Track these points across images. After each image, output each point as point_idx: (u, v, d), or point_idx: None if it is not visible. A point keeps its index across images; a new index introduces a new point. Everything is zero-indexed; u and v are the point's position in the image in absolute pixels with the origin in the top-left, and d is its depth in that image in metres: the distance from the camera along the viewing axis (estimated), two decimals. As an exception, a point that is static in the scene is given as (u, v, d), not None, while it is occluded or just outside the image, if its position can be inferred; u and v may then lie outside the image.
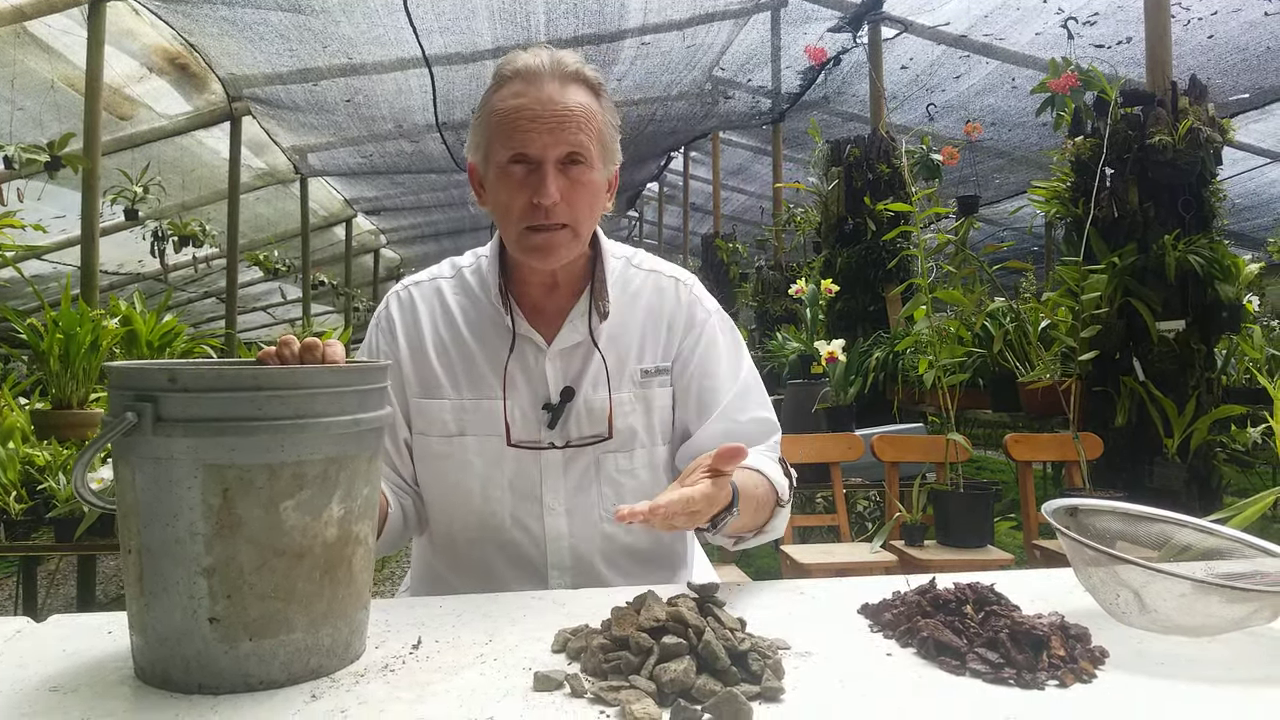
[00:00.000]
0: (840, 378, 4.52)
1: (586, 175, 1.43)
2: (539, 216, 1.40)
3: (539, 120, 1.39)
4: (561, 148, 1.39)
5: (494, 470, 1.50)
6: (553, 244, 1.43)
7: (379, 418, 1.07)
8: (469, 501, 1.51)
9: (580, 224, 1.44)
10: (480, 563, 1.54)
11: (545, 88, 1.41)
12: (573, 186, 1.41)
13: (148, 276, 9.52)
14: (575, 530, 1.51)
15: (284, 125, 7.73)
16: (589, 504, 1.51)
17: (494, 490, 1.50)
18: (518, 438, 1.49)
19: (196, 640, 0.94)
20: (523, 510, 1.51)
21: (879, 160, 5.76)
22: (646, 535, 1.55)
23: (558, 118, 1.39)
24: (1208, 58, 6.41)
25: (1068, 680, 0.97)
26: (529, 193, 1.39)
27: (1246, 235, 10.11)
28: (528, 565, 1.52)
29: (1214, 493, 3.48)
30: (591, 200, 1.45)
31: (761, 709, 0.90)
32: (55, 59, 5.46)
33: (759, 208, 11.90)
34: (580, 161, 1.41)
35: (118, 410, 0.96)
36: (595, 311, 1.53)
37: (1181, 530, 1.31)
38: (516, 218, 1.42)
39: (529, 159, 1.40)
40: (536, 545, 1.51)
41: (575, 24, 6.34)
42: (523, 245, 1.44)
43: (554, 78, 1.42)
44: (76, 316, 3.52)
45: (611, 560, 1.54)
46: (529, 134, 1.39)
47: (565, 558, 1.52)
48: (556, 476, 1.50)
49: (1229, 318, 3.49)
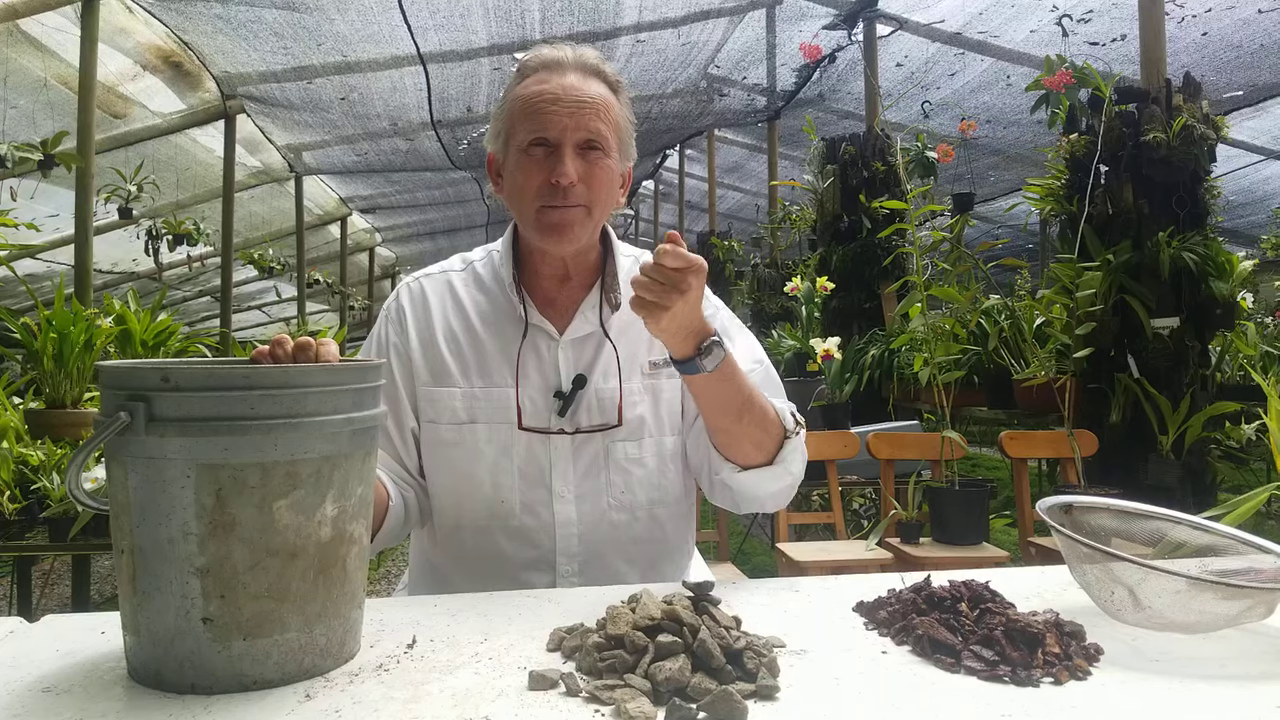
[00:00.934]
0: (836, 375, 4.52)
1: (603, 161, 1.47)
2: (556, 197, 1.44)
3: (560, 104, 1.44)
4: (581, 132, 1.44)
5: (503, 458, 1.51)
6: (568, 221, 1.45)
7: (373, 417, 1.07)
8: (479, 489, 1.52)
9: (595, 206, 1.48)
10: (488, 553, 1.54)
11: (568, 76, 1.47)
12: (590, 170, 1.45)
13: (142, 275, 9.50)
14: (584, 517, 1.52)
15: (278, 123, 7.72)
16: (598, 491, 1.52)
17: (504, 477, 1.51)
18: (528, 424, 1.51)
19: (190, 640, 0.94)
20: (532, 497, 1.52)
21: (874, 158, 5.77)
22: (654, 525, 1.57)
23: (578, 103, 1.44)
24: (1202, 55, 6.42)
25: (1062, 677, 0.97)
26: (546, 173, 1.43)
27: (1241, 232, 10.12)
28: (536, 553, 1.52)
29: (1208, 489, 3.49)
30: (608, 186, 1.49)
31: (757, 707, 0.90)
32: (48, 57, 5.44)
33: (755, 205, 11.89)
34: (598, 147, 1.46)
35: (110, 410, 0.96)
36: (606, 303, 1.56)
37: (1176, 527, 1.31)
38: (533, 196, 1.45)
39: (549, 142, 1.44)
40: (546, 532, 1.52)
41: (570, 21, 6.33)
42: (539, 224, 1.47)
43: (576, 69, 1.48)
44: (70, 315, 3.51)
45: (620, 548, 1.55)
46: (549, 117, 1.44)
47: (574, 544, 1.52)
48: (566, 463, 1.52)
49: (1223, 315, 3.50)
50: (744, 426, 1.43)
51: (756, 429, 1.44)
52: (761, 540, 5.82)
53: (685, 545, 1.67)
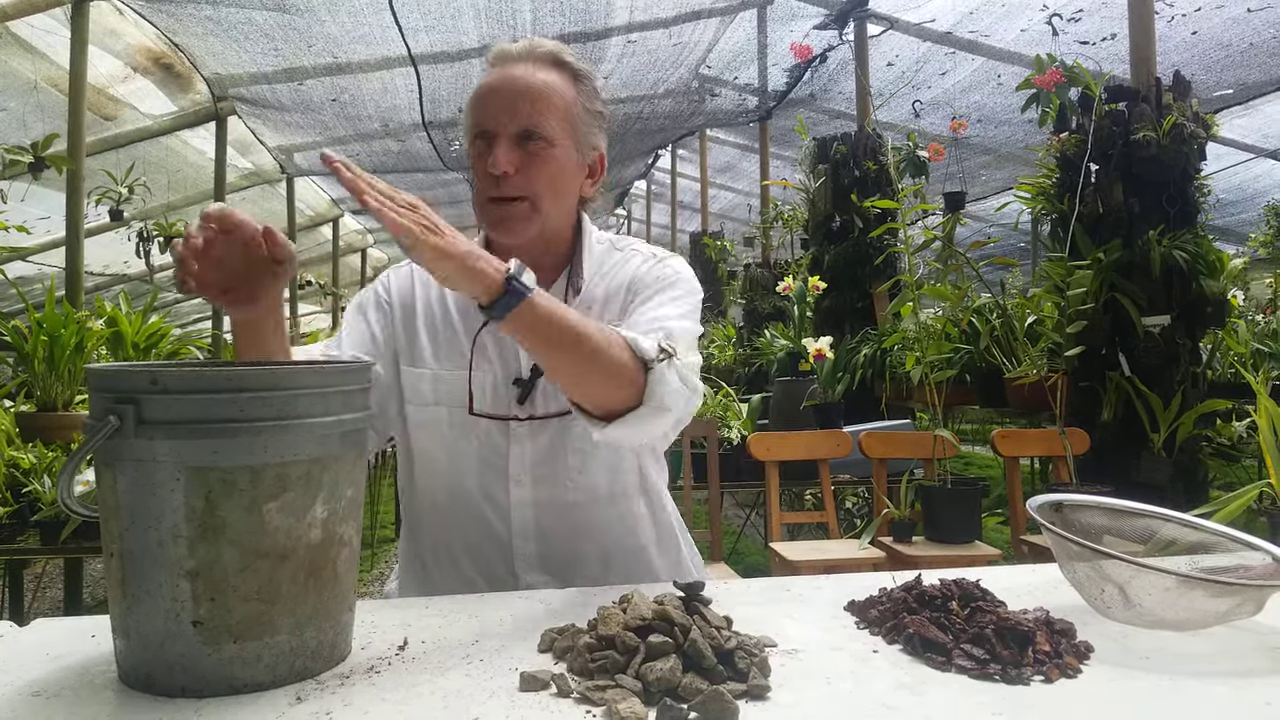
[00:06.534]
0: (828, 375, 4.53)
1: (546, 151, 1.45)
2: (496, 189, 1.44)
3: (497, 94, 1.45)
4: (516, 122, 1.43)
5: (462, 440, 1.52)
6: (509, 216, 1.46)
7: (363, 418, 1.07)
8: (440, 473, 1.55)
9: (540, 198, 1.46)
10: (451, 535, 1.56)
11: (515, 67, 1.47)
12: (530, 160, 1.44)
13: (133, 278, 9.46)
14: (540, 499, 1.52)
15: (269, 125, 7.69)
16: (556, 474, 1.52)
17: (462, 461, 1.53)
18: (482, 409, 1.52)
19: (180, 643, 0.94)
20: (489, 480, 1.52)
21: (865, 157, 5.77)
22: (615, 510, 1.56)
23: (515, 93, 1.44)
24: (1191, 54, 6.44)
25: (1053, 675, 0.98)
26: (484, 165, 1.44)
27: (1231, 230, 10.15)
28: (494, 536, 1.53)
29: (1200, 486, 3.50)
30: (553, 177, 1.47)
31: (748, 707, 0.90)
32: (38, 59, 5.42)
33: (747, 205, 11.90)
34: (538, 137, 1.44)
35: (99, 413, 0.95)
36: (571, 289, 1.55)
37: (1166, 525, 1.32)
38: (479, 190, 1.47)
39: (486, 133, 1.44)
40: (502, 517, 1.52)
41: (562, 22, 6.32)
42: (486, 218, 1.48)
43: (527, 60, 1.48)
44: (61, 318, 3.50)
45: (580, 532, 1.54)
46: (486, 109, 1.45)
47: (530, 527, 1.52)
48: (523, 447, 1.51)
49: (1214, 312, 3.51)
50: (579, 365, 1.27)
51: (599, 367, 1.27)
52: (755, 540, 5.83)
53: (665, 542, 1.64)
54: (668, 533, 1.66)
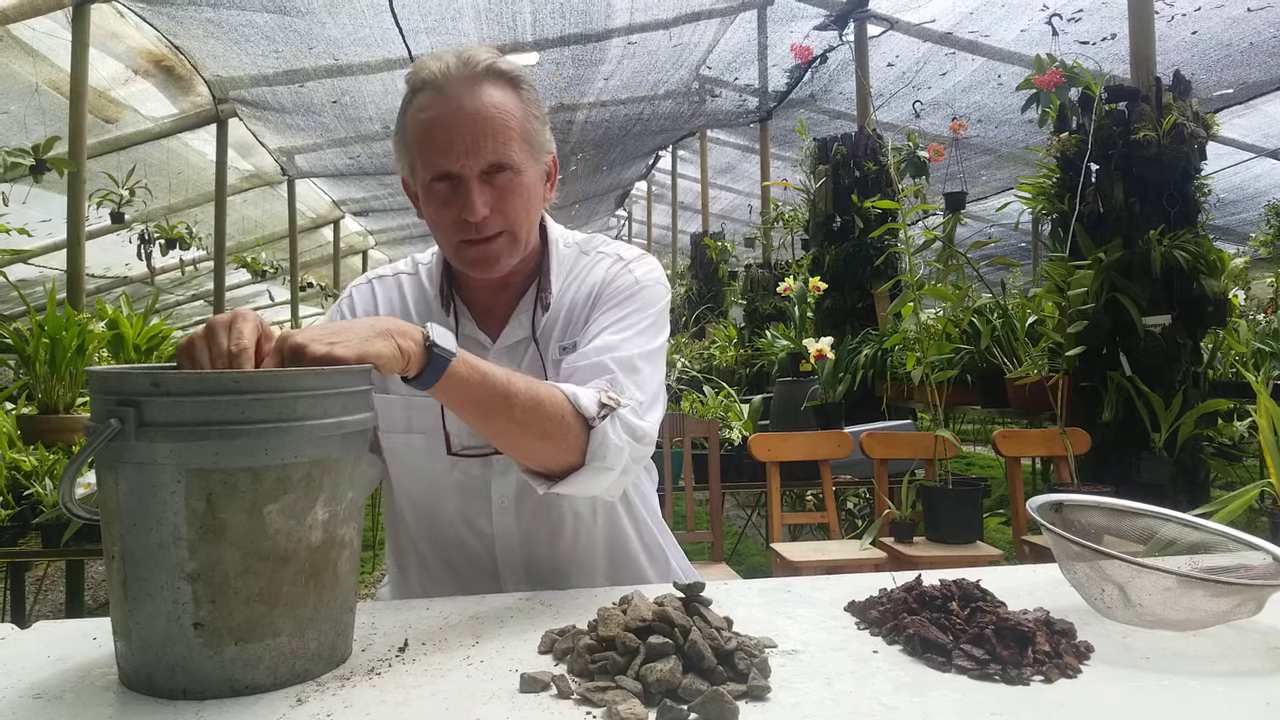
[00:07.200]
0: (829, 375, 4.54)
1: (515, 181, 1.37)
2: (470, 232, 1.36)
3: (454, 134, 1.33)
4: (483, 160, 1.34)
5: (441, 471, 1.47)
6: (491, 254, 1.39)
7: (363, 420, 1.07)
8: (420, 500, 1.51)
9: (518, 228, 1.40)
10: (433, 562, 1.53)
11: (454, 96, 1.34)
12: (502, 195, 1.36)
13: (134, 280, 9.48)
14: (524, 526, 1.48)
15: (270, 127, 7.71)
16: (540, 501, 1.42)
17: (441, 491, 1.48)
18: (463, 444, 1.46)
19: (181, 645, 0.94)
20: (471, 509, 1.48)
21: (866, 158, 5.77)
22: (600, 523, 1.53)
23: (474, 129, 1.33)
24: (1191, 53, 6.44)
25: (1052, 675, 0.98)
26: (456, 209, 1.35)
27: (1232, 230, 10.16)
28: (477, 561, 1.50)
29: (1201, 486, 3.50)
30: (525, 204, 1.40)
31: (748, 708, 0.90)
32: (39, 62, 5.43)
33: (747, 206, 11.91)
34: (506, 168, 1.36)
35: (100, 415, 0.95)
36: (539, 305, 1.49)
37: (1166, 525, 1.32)
38: (447, 233, 1.39)
39: (451, 175, 1.35)
40: (484, 544, 1.49)
41: (562, 23, 6.33)
42: (460, 259, 1.42)
43: (463, 82, 1.35)
44: (62, 320, 3.50)
45: (565, 552, 1.51)
46: (446, 152, 1.33)
47: (515, 553, 1.49)
48: (506, 479, 1.46)
49: (1214, 312, 3.51)
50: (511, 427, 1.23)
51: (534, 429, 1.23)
52: (756, 541, 5.83)
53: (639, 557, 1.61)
54: (654, 544, 1.64)
